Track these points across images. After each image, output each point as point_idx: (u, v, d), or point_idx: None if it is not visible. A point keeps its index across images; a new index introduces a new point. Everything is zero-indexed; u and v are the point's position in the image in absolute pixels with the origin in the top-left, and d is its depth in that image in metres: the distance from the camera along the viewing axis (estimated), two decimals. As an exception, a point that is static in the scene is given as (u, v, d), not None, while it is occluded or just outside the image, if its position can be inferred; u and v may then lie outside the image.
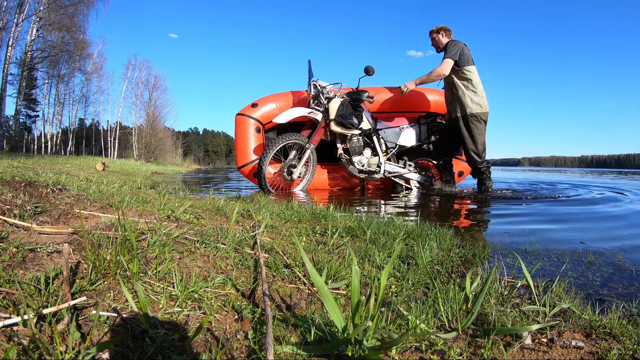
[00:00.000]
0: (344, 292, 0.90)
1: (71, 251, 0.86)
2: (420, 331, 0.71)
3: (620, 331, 0.74)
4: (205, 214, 1.55)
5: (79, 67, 23.81)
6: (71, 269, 0.78)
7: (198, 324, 0.67)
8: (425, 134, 4.31)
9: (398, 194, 4.05)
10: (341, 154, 4.18)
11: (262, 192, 3.69)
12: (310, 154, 3.99)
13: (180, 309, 0.71)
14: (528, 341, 0.70)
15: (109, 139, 29.12)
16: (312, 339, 0.64)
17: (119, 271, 0.79)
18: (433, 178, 4.33)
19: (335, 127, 3.97)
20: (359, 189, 4.49)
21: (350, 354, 0.60)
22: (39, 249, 0.85)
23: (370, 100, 4.09)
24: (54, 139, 23.97)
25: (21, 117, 19.38)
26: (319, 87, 4.07)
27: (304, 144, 3.96)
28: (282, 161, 3.97)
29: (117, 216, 1.26)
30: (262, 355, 0.59)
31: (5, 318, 0.58)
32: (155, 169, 14.01)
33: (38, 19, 15.97)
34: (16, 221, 1.06)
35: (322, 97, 4.05)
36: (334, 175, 4.49)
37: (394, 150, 4.28)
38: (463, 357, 0.65)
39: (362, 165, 4.14)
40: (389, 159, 4.30)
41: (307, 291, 0.90)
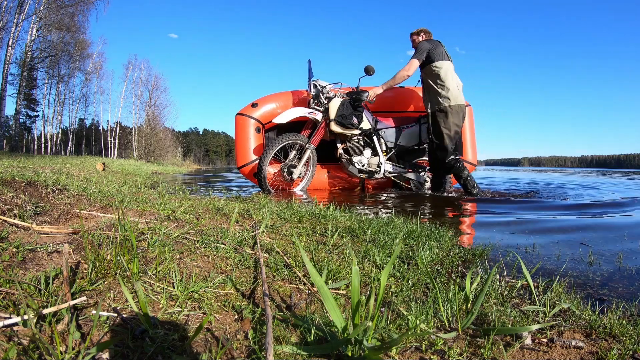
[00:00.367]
0: (344, 292, 0.90)
1: (71, 251, 0.86)
2: (420, 331, 0.71)
3: (620, 331, 0.74)
4: (205, 214, 1.55)
5: (79, 67, 23.83)
6: (71, 269, 0.78)
7: (198, 324, 0.67)
8: (425, 133, 4.31)
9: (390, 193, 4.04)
10: (341, 154, 4.17)
11: (262, 192, 3.69)
12: (311, 154, 3.99)
13: (180, 309, 0.71)
14: (528, 341, 0.70)
15: (109, 139, 29.12)
16: (312, 339, 0.64)
17: (119, 271, 0.79)
18: None
19: (335, 127, 3.97)
20: (359, 188, 4.49)
21: (350, 354, 0.60)
22: (39, 249, 0.85)
23: (370, 100, 4.09)
24: (54, 139, 23.97)
25: (21, 117, 19.40)
26: (319, 86, 4.07)
27: (304, 144, 3.95)
28: (282, 161, 3.97)
29: (117, 216, 1.26)
30: (262, 355, 0.59)
31: (5, 318, 0.58)
32: (155, 169, 14.01)
33: (38, 19, 15.97)
34: (16, 221, 1.06)
35: (322, 97, 4.05)
36: (334, 175, 4.48)
37: (394, 150, 4.28)
38: (463, 357, 0.65)
39: (362, 165, 4.14)
40: (389, 159, 4.30)
41: (307, 291, 0.90)
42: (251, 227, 1.41)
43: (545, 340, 0.71)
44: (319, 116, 4.01)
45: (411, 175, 4.28)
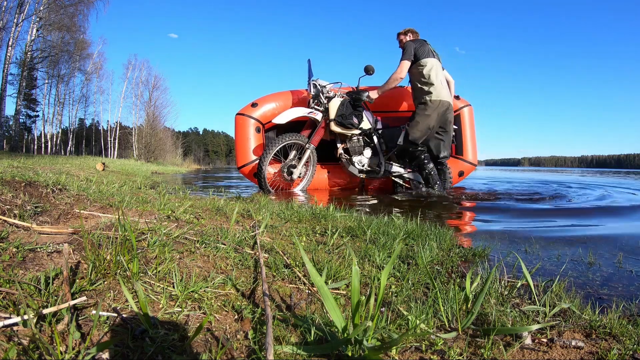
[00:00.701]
0: (344, 292, 0.90)
1: (71, 251, 0.86)
2: (420, 331, 0.71)
3: (620, 331, 0.74)
4: (205, 214, 1.55)
5: (79, 67, 23.85)
6: (71, 269, 0.78)
7: (198, 324, 0.67)
8: None
9: (397, 194, 4.03)
10: (341, 154, 4.17)
11: (262, 192, 3.69)
12: (310, 153, 3.99)
13: (180, 309, 0.71)
14: (528, 341, 0.70)
15: (109, 139, 29.12)
16: (312, 339, 0.64)
17: (119, 271, 0.79)
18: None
19: (335, 127, 3.97)
20: (359, 189, 4.49)
21: (350, 354, 0.60)
22: (39, 249, 0.85)
23: (370, 99, 4.08)
24: (54, 139, 23.97)
25: (21, 117, 19.40)
26: (318, 86, 4.06)
27: (304, 144, 3.95)
28: (282, 161, 3.97)
29: (117, 216, 1.26)
30: (262, 355, 0.59)
31: (5, 318, 0.58)
32: (155, 169, 14.01)
33: (38, 19, 15.97)
34: (16, 221, 1.06)
35: (322, 97, 4.05)
36: (334, 175, 4.48)
37: (394, 150, 4.28)
38: (463, 357, 0.65)
39: (362, 165, 4.14)
40: (389, 159, 4.30)
41: (307, 291, 0.90)
42: (251, 227, 1.41)
43: (545, 340, 0.71)
44: (318, 116, 4.01)
45: (411, 175, 4.28)
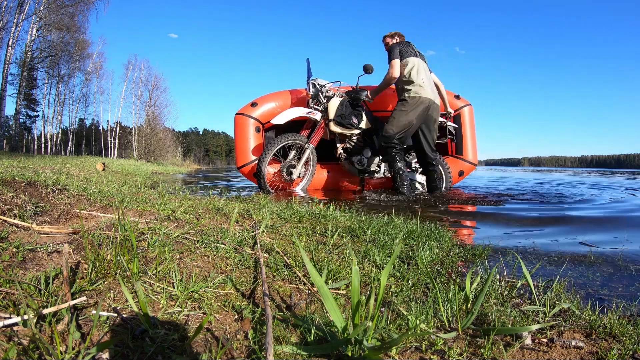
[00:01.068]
0: (344, 292, 0.90)
1: (71, 251, 0.86)
2: (420, 331, 0.71)
3: (620, 331, 0.74)
4: (205, 214, 1.55)
5: (79, 67, 23.84)
6: (71, 269, 0.78)
7: (198, 324, 0.67)
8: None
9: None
10: (341, 154, 4.17)
11: (262, 192, 3.68)
12: (310, 153, 3.98)
13: (180, 309, 0.71)
14: (528, 341, 0.70)
15: (109, 139, 29.11)
16: (312, 339, 0.64)
17: (119, 271, 0.79)
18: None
19: (334, 127, 3.96)
20: (359, 188, 4.48)
21: (350, 354, 0.60)
22: (39, 249, 0.85)
23: (369, 99, 4.07)
24: (54, 139, 23.97)
25: (21, 117, 19.39)
26: (318, 86, 4.05)
27: (303, 144, 3.94)
28: (282, 161, 3.96)
29: (117, 216, 1.26)
30: (262, 355, 0.59)
31: (5, 318, 0.58)
32: (155, 169, 14.01)
33: (38, 19, 15.97)
34: (16, 221, 1.06)
35: (321, 97, 4.03)
36: (334, 175, 4.48)
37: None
38: (463, 357, 0.65)
39: (362, 165, 4.13)
40: None
41: (307, 291, 0.90)
42: (251, 227, 1.41)
43: (545, 340, 0.71)
44: (317, 116, 4.00)
45: (412, 175, 4.27)
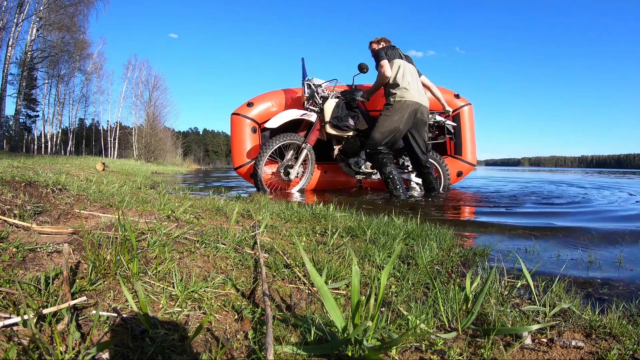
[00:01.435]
0: (344, 292, 0.90)
1: (71, 251, 0.86)
2: (420, 331, 0.71)
3: (620, 331, 0.74)
4: (205, 214, 1.55)
5: (79, 67, 23.85)
6: (71, 269, 0.78)
7: (198, 324, 0.67)
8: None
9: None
10: (337, 155, 4.15)
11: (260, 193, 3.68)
12: (308, 153, 3.93)
13: (180, 309, 0.71)
14: (528, 341, 0.70)
15: (109, 139, 29.11)
16: (312, 339, 0.64)
17: (119, 271, 0.79)
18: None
19: (330, 129, 3.90)
20: (356, 189, 4.47)
21: (350, 354, 0.60)
22: (39, 249, 0.85)
23: (365, 99, 4.04)
24: (54, 139, 23.97)
25: (21, 117, 19.39)
26: (313, 86, 4.01)
27: (301, 144, 3.90)
28: (279, 161, 3.94)
29: (117, 216, 1.26)
30: (262, 355, 0.59)
31: (5, 318, 0.58)
32: (155, 169, 14.01)
33: (38, 19, 15.97)
34: (16, 221, 1.06)
35: (316, 97, 3.98)
36: (332, 175, 4.46)
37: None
38: (463, 357, 0.65)
39: (358, 166, 4.11)
40: None
41: (307, 291, 0.90)
42: (251, 227, 1.41)
43: (545, 340, 0.71)
44: (313, 117, 3.93)
45: (408, 176, 4.27)
